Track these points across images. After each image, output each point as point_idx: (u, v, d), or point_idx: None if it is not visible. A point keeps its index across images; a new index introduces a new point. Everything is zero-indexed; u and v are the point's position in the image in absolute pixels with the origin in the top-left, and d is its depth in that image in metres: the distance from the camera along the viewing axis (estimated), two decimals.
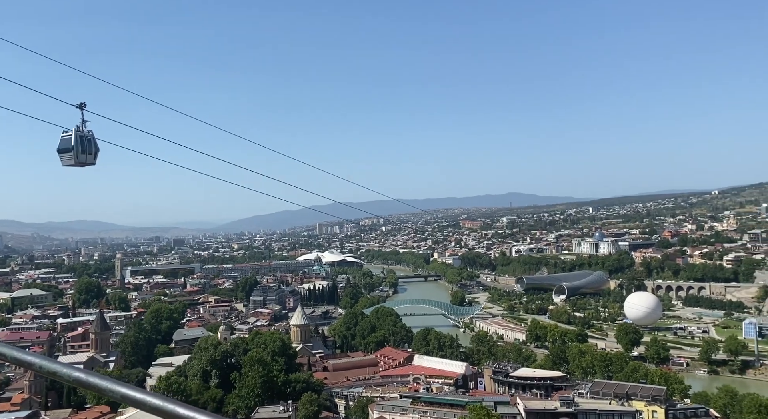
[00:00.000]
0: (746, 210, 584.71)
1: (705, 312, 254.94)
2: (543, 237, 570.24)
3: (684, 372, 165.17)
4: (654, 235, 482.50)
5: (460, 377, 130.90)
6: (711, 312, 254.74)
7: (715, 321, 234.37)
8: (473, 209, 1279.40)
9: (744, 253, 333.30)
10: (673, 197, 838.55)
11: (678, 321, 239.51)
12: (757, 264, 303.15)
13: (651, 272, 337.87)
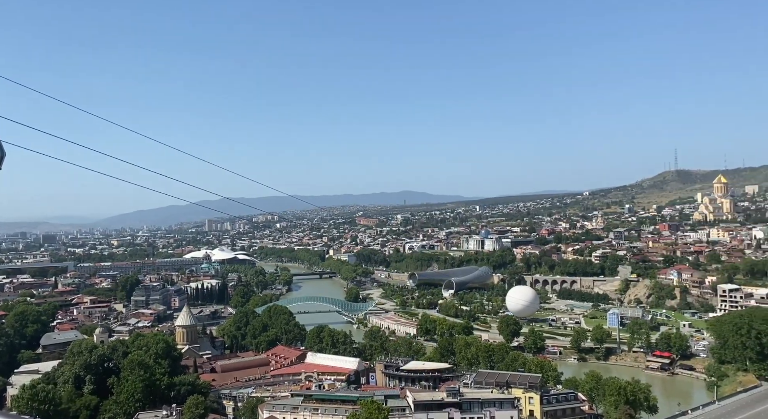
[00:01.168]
0: (612, 211, 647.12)
1: (576, 304, 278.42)
2: (435, 235, 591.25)
3: (557, 360, 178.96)
4: (533, 233, 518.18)
5: (352, 373, 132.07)
6: (581, 304, 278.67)
7: (584, 312, 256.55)
8: (369, 206, 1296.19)
9: (609, 250, 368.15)
10: (550, 198, 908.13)
11: (553, 313, 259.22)
12: (620, 259, 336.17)
13: (530, 267, 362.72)
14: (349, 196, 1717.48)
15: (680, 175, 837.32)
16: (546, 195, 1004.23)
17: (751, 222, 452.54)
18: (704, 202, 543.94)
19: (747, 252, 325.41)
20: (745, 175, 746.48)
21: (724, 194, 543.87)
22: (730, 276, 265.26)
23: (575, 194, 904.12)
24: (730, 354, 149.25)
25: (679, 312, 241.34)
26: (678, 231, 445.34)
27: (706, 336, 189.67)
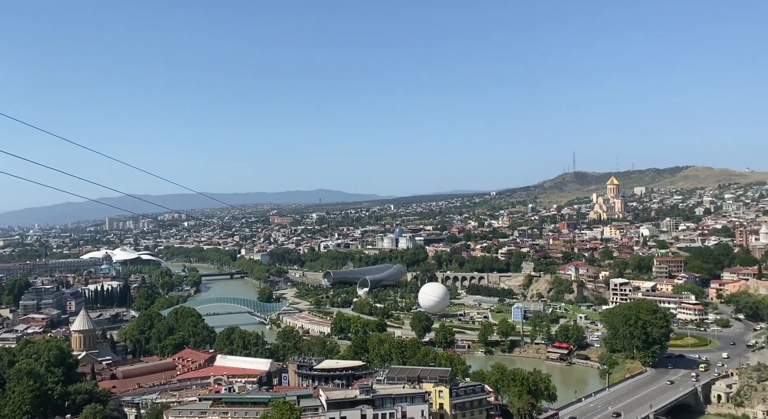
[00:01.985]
0: (517, 210, 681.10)
1: (484, 299, 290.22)
2: (350, 233, 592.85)
3: (466, 354, 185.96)
4: (445, 231, 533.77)
5: (264, 374, 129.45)
6: (488, 299, 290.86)
7: (491, 307, 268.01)
8: (283, 205, 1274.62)
9: (514, 247, 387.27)
10: (460, 197, 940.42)
11: (462, 308, 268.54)
12: (524, 256, 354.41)
13: (441, 264, 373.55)
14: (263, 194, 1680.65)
15: (578, 176, 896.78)
16: (457, 195, 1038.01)
17: (639, 220, 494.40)
18: (599, 202, 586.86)
19: (635, 249, 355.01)
20: (634, 177, 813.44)
21: (616, 195, 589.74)
22: (620, 271, 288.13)
23: (484, 194, 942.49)
24: (620, 343, 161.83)
25: (577, 305, 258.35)
26: (576, 229, 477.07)
27: (599, 327, 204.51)
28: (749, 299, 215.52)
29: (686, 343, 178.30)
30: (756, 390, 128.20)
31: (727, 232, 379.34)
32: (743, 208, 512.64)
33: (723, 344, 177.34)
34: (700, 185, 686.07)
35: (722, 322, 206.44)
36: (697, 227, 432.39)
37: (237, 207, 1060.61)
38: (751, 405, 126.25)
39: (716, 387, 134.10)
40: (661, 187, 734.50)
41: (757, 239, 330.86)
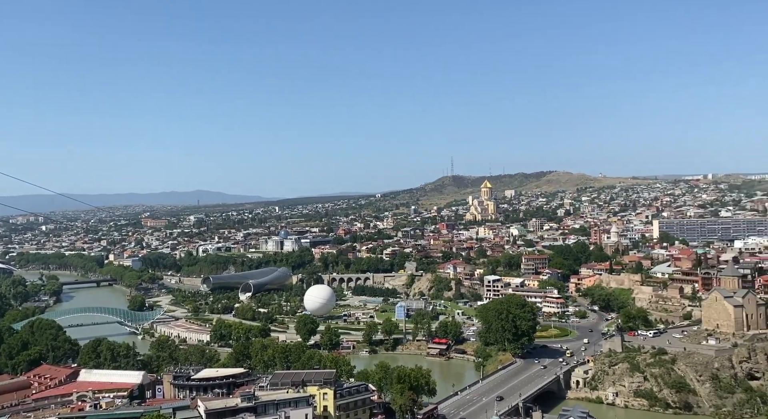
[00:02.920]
0: (400, 212, 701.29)
1: (369, 300, 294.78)
2: (232, 236, 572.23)
3: (351, 354, 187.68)
4: (331, 233, 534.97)
5: (136, 388, 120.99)
6: (373, 299, 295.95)
7: (376, 307, 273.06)
8: (158, 206, 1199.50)
9: (398, 247, 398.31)
10: (346, 199, 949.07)
11: (348, 309, 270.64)
12: (407, 256, 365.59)
13: (328, 266, 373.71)
14: (135, 195, 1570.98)
15: (456, 180, 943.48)
16: (343, 196, 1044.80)
17: (509, 221, 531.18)
18: (474, 204, 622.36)
19: (506, 248, 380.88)
20: (505, 181, 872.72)
21: (489, 197, 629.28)
22: (493, 268, 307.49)
23: (369, 196, 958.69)
24: (493, 336, 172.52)
25: (455, 302, 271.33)
26: (454, 230, 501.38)
27: (475, 322, 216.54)
28: (602, 292, 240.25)
29: (550, 334, 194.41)
30: (608, 374, 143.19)
31: (584, 232, 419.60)
32: (597, 210, 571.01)
33: (581, 333, 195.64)
34: (561, 188, 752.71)
35: (580, 314, 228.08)
36: (559, 227, 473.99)
37: (104, 209, 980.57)
38: (603, 388, 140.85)
39: (575, 374, 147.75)
40: (528, 190, 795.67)
41: (608, 237, 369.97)
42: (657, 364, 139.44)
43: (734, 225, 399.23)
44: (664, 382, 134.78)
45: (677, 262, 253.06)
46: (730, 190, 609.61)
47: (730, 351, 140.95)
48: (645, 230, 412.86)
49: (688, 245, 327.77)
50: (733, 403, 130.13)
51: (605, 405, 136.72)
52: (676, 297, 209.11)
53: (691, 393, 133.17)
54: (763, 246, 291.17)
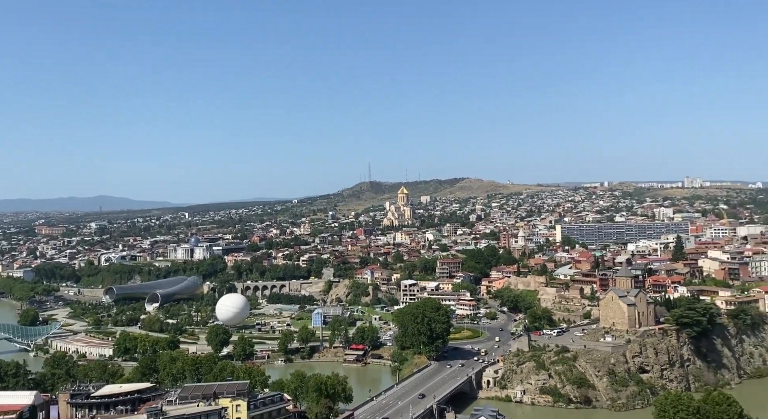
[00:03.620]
0: (318, 217, 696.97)
1: (285, 307, 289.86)
2: (137, 244, 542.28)
3: (266, 364, 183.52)
4: (245, 239, 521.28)
5: (26, 409, 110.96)
6: (290, 306, 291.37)
7: (292, 315, 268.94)
8: (54, 213, 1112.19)
9: (315, 254, 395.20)
10: (261, 205, 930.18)
11: (263, 318, 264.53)
12: (325, 262, 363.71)
13: (241, 274, 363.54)
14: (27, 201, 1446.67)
15: (373, 185, 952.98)
16: (258, 202, 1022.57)
17: (425, 226, 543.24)
18: (391, 210, 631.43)
19: (422, 252, 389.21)
20: (421, 187, 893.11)
21: (406, 203, 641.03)
22: (410, 272, 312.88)
23: (286, 201, 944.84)
24: (409, 340, 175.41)
25: (372, 307, 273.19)
26: (372, 235, 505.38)
27: (392, 327, 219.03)
28: (511, 293, 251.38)
29: (463, 336, 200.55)
30: (516, 373, 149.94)
31: (494, 236, 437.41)
32: (506, 215, 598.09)
33: (492, 334, 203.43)
34: (473, 195, 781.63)
35: (491, 315, 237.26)
36: (472, 231, 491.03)
37: None
38: (512, 386, 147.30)
39: (486, 374, 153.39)
40: (442, 196, 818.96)
41: (516, 241, 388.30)
42: (560, 362, 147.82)
43: (627, 229, 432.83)
44: (567, 379, 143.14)
45: (577, 264, 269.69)
46: (623, 196, 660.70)
47: (624, 347, 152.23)
48: (549, 234, 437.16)
49: (587, 248, 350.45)
50: (626, 396, 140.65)
51: (514, 403, 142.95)
52: (577, 297, 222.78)
53: (591, 387, 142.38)
54: (651, 249, 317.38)
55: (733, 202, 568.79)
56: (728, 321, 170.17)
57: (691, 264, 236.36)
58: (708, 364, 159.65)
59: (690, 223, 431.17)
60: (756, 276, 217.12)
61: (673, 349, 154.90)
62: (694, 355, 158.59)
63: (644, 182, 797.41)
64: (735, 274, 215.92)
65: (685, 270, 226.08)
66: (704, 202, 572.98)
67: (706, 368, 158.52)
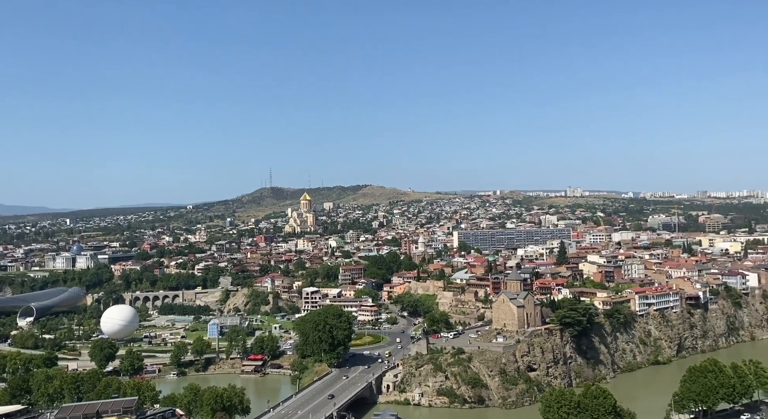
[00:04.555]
0: (215, 224, 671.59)
1: (178, 319, 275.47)
2: (9, 253, 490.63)
3: (156, 379, 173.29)
4: (134, 247, 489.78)
5: None
6: (183, 317, 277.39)
7: (186, 326, 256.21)
8: None
9: (212, 262, 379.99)
10: (153, 211, 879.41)
11: (153, 330, 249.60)
12: (222, 271, 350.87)
13: (130, 284, 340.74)
14: None
15: (274, 191, 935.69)
16: (149, 208, 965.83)
17: (328, 233, 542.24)
18: (293, 216, 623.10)
19: (325, 259, 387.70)
20: (324, 194, 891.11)
21: (309, 209, 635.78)
22: (312, 280, 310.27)
23: (180, 207, 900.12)
24: (310, 348, 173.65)
25: (272, 316, 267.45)
26: (272, 242, 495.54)
27: (293, 335, 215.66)
28: (411, 298, 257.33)
29: (364, 342, 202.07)
30: (414, 376, 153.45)
31: (395, 242, 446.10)
32: (407, 222, 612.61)
33: (392, 339, 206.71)
34: (376, 202, 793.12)
35: (391, 320, 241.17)
36: (374, 238, 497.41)
37: None
38: (411, 389, 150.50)
39: (386, 378, 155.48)
40: (346, 202, 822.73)
41: (416, 247, 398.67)
42: (456, 363, 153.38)
43: (517, 235, 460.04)
44: (462, 379, 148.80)
45: (473, 269, 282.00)
46: (513, 204, 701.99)
47: (515, 347, 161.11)
48: (447, 240, 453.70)
49: (482, 253, 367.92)
50: (516, 393, 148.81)
51: (412, 406, 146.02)
52: (472, 300, 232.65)
53: (484, 387, 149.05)
54: (538, 254, 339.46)
55: (608, 210, 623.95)
56: (605, 320, 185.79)
57: (573, 268, 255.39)
58: (587, 361, 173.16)
59: (572, 230, 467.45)
60: (628, 278, 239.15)
61: (558, 348, 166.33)
62: (575, 353, 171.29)
63: (532, 191, 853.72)
64: (610, 277, 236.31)
65: (568, 274, 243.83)
66: (584, 210, 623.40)
67: (586, 364, 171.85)
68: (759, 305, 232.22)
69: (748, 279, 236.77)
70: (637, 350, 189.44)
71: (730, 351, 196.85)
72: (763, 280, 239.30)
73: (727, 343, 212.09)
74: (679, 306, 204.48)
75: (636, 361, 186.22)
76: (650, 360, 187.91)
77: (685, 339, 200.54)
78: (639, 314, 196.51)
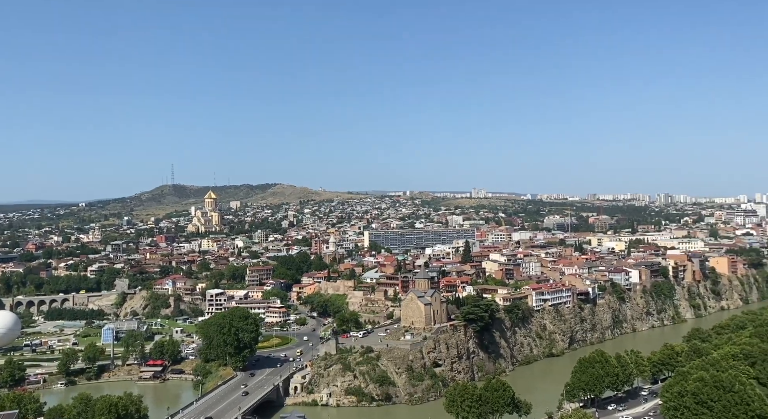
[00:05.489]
0: (110, 223, 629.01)
1: (68, 324, 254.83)
2: None
3: (42, 389, 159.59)
4: (17, 248, 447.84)
5: None
6: (74, 323, 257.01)
7: (77, 331, 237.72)
8: None
9: (107, 263, 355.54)
10: (39, 208, 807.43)
11: (39, 337, 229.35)
12: (118, 272, 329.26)
13: (11, 288, 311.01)
14: None
15: (177, 189, 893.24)
16: (34, 205, 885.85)
17: (234, 233, 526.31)
18: (197, 215, 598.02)
19: (231, 260, 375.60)
20: (231, 192, 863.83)
21: (214, 208, 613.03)
22: (217, 281, 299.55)
23: (71, 205, 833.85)
24: (214, 352, 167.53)
25: (173, 320, 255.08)
26: (174, 243, 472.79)
27: (195, 339, 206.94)
28: (321, 299, 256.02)
29: (272, 344, 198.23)
30: (323, 376, 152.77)
31: (306, 242, 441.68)
32: (318, 221, 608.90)
33: (301, 340, 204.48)
34: (286, 201, 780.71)
35: (301, 321, 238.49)
36: (284, 238, 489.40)
37: None
38: (319, 390, 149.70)
39: (294, 380, 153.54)
40: (254, 201, 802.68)
41: (327, 247, 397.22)
42: (365, 362, 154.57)
43: (425, 235, 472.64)
44: (370, 378, 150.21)
45: (383, 268, 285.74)
46: (422, 205, 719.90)
47: (422, 344, 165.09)
48: (358, 240, 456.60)
49: (392, 252, 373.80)
50: (422, 389, 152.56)
51: (320, 407, 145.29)
52: (381, 299, 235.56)
53: (392, 384, 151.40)
54: (445, 252, 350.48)
55: (509, 211, 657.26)
56: (505, 316, 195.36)
57: (477, 266, 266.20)
58: (489, 355, 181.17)
59: (476, 230, 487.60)
60: (526, 275, 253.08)
61: (462, 343, 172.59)
62: (478, 348, 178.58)
63: (440, 192, 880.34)
64: (510, 274, 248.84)
65: (472, 272, 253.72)
66: (487, 210, 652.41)
67: (488, 358, 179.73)
68: (639, 299, 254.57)
69: (631, 276, 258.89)
70: (533, 343, 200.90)
71: (615, 343, 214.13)
72: (644, 276, 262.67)
73: (613, 335, 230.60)
74: (571, 301, 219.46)
75: (533, 354, 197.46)
76: (545, 353, 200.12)
77: (576, 332, 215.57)
78: (536, 309, 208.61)
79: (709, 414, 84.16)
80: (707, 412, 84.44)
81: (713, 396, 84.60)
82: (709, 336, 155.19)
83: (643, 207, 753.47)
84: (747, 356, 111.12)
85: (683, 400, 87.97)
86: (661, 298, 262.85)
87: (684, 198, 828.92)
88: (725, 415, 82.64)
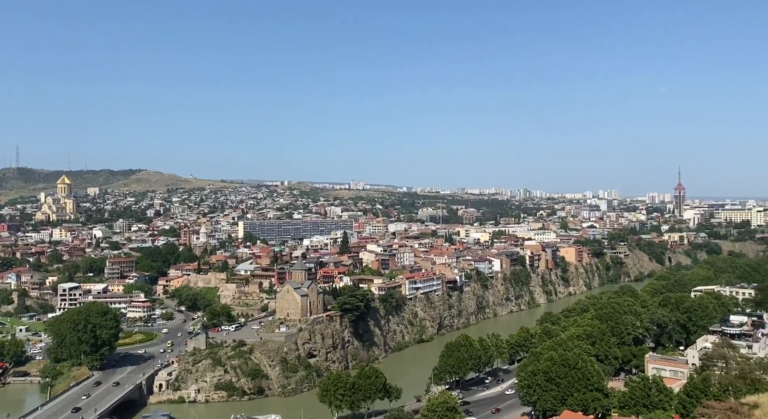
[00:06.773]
0: None
1: None
2: None
3: None
4: None
5: None
6: None
7: None
8: None
9: None
10: None
11: None
12: None
13: None
14: None
15: (22, 173, 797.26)
16: None
17: (92, 222, 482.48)
18: (47, 202, 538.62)
19: (88, 251, 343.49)
20: (88, 178, 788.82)
21: (68, 195, 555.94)
22: (71, 275, 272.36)
23: None
24: (66, 351, 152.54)
25: (17, 317, 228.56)
26: (19, 232, 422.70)
27: (44, 338, 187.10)
28: (190, 292, 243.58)
29: (134, 340, 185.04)
30: (191, 372, 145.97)
31: (174, 233, 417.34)
32: (188, 211, 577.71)
33: (168, 335, 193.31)
34: (152, 188, 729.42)
35: (167, 316, 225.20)
36: (149, 228, 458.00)
37: None
38: (186, 387, 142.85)
39: (159, 378, 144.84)
40: (115, 188, 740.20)
41: (197, 238, 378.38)
42: (237, 356, 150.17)
43: (303, 226, 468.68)
44: (242, 372, 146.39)
45: (258, 260, 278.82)
46: (301, 195, 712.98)
47: (297, 336, 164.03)
48: (232, 230, 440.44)
49: (268, 244, 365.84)
50: (296, 381, 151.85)
51: (188, 404, 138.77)
52: (256, 291, 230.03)
53: (264, 377, 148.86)
54: (323, 244, 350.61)
55: (386, 203, 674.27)
56: (380, 305, 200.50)
57: (354, 257, 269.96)
58: (363, 343, 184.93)
59: (354, 221, 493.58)
60: (400, 265, 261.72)
61: (337, 333, 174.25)
62: (353, 337, 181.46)
63: (319, 183, 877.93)
64: (386, 264, 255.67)
65: (350, 262, 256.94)
66: (365, 202, 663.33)
67: (362, 347, 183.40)
68: (500, 286, 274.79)
69: (494, 265, 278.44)
70: (405, 330, 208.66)
71: (478, 327, 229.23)
72: (505, 265, 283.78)
73: (477, 320, 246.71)
74: (441, 289, 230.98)
75: (404, 341, 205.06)
76: (416, 339, 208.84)
77: (445, 318, 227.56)
78: (408, 297, 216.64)
79: (557, 390, 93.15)
80: (555, 388, 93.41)
81: (560, 373, 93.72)
82: (558, 319, 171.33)
83: (505, 201, 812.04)
84: (588, 336, 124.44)
85: (536, 378, 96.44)
86: (519, 285, 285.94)
87: (540, 193, 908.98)
88: (569, 390, 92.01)
